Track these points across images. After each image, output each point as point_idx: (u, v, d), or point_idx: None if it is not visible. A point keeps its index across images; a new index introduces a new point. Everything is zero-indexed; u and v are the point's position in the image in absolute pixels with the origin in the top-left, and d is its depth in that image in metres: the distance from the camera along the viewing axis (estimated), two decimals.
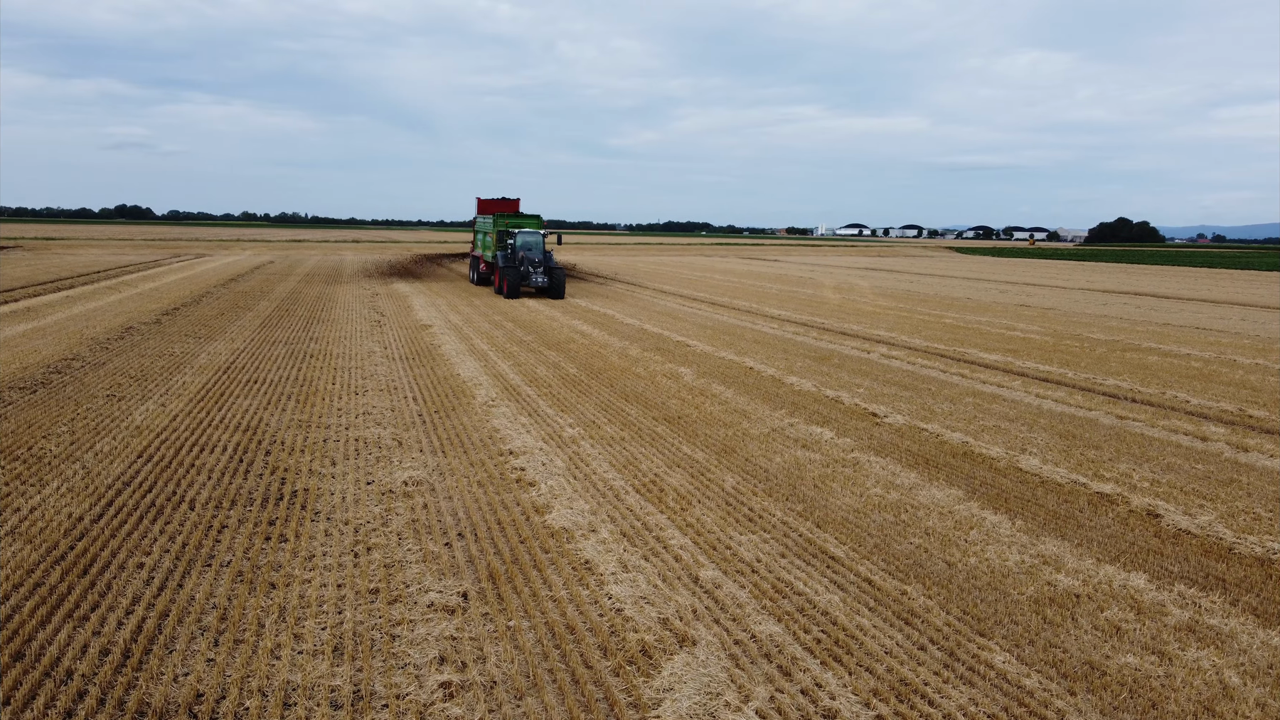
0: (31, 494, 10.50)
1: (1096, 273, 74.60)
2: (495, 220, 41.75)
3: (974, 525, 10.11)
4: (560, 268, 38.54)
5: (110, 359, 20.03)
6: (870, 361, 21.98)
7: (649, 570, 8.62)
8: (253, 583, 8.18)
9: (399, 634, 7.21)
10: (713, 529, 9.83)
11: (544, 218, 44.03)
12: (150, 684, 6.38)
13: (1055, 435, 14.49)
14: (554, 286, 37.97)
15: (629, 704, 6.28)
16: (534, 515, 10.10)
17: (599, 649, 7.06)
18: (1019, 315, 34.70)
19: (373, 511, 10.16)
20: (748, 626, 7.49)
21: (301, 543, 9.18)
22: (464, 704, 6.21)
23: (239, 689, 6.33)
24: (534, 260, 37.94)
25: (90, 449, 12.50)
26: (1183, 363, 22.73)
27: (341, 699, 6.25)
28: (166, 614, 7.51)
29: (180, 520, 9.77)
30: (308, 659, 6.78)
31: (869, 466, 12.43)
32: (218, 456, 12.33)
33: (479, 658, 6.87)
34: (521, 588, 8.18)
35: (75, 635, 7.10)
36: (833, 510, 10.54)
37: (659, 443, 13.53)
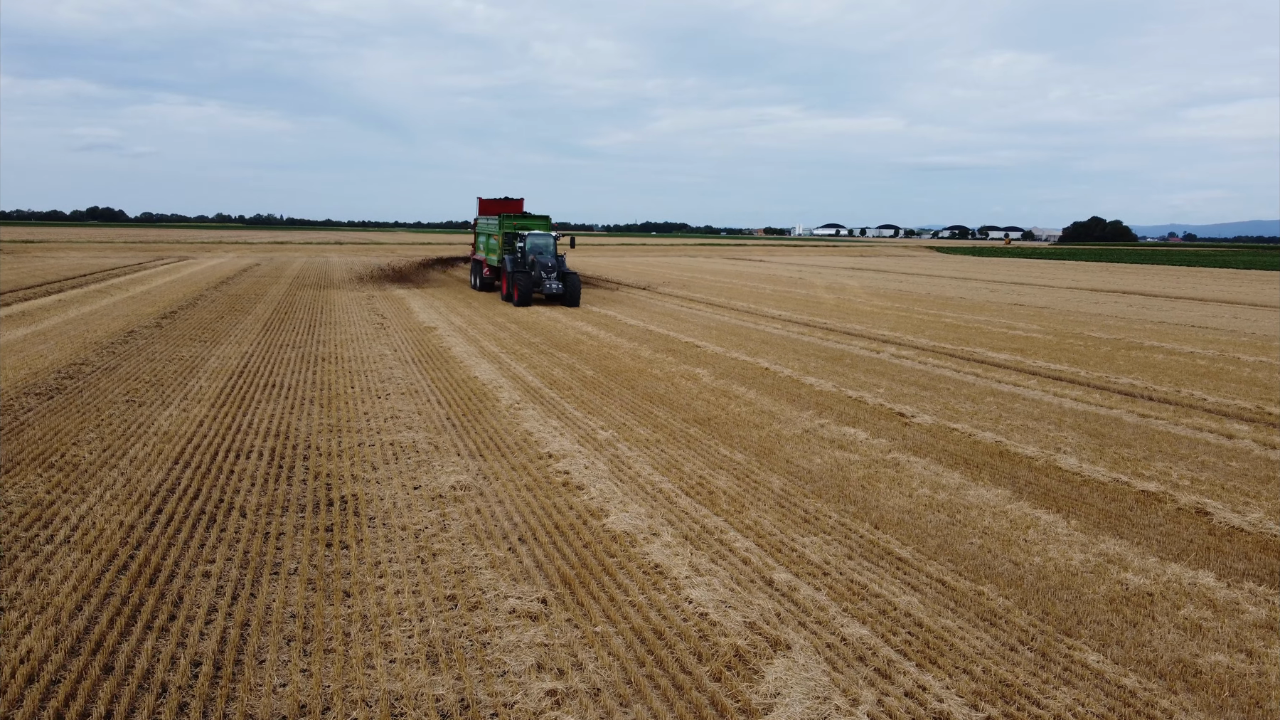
0: (76, 502, 10.33)
1: (1079, 271, 75.31)
2: (501, 221, 38.95)
3: (1029, 525, 10.14)
4: (575, 273, 35.95)
5: (119, 363, 19.76)
6: (882, 362, 22.05)
7: (720, 573, 8.58)
8: (326, 591, 8.07)
9: (489, 641, 7.14)
10: (772, 531, 9.81)
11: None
12: (250, 696, 6.28)
13: (1084, 434, 14.58)
14: (569, 293, 35.02)
15: (738, 709, 6.24)
16: (591, 519, 10.04)
17: (692, 654, 7.02)
18: (1015, 314, 34.94)
19: (427, 517, 10.07)
20: (835, 629, 7.47)
21: (364, 549, 9.07)
22: (573, 711, 6.15)
23: (342, 699, 6.23)
24: (546, 265, 35.28)
25: (123, 456, 12.31)
26: (1188, 361, 22.95)
27: (448, 708, 6.18)
28: (247, 624, 7.39)
29: (235, 528, 9.63)
30: (402, 668, 6.69)
31: (910, 467, 12.45)
32: (255, 462, 12.18)
33: (575, 664, 6.81)
34: (598, 593, 8.12)
35: (160, 647, 6.97)
36: (886, 511, 10.54)
37: (695, 445, 13.50)
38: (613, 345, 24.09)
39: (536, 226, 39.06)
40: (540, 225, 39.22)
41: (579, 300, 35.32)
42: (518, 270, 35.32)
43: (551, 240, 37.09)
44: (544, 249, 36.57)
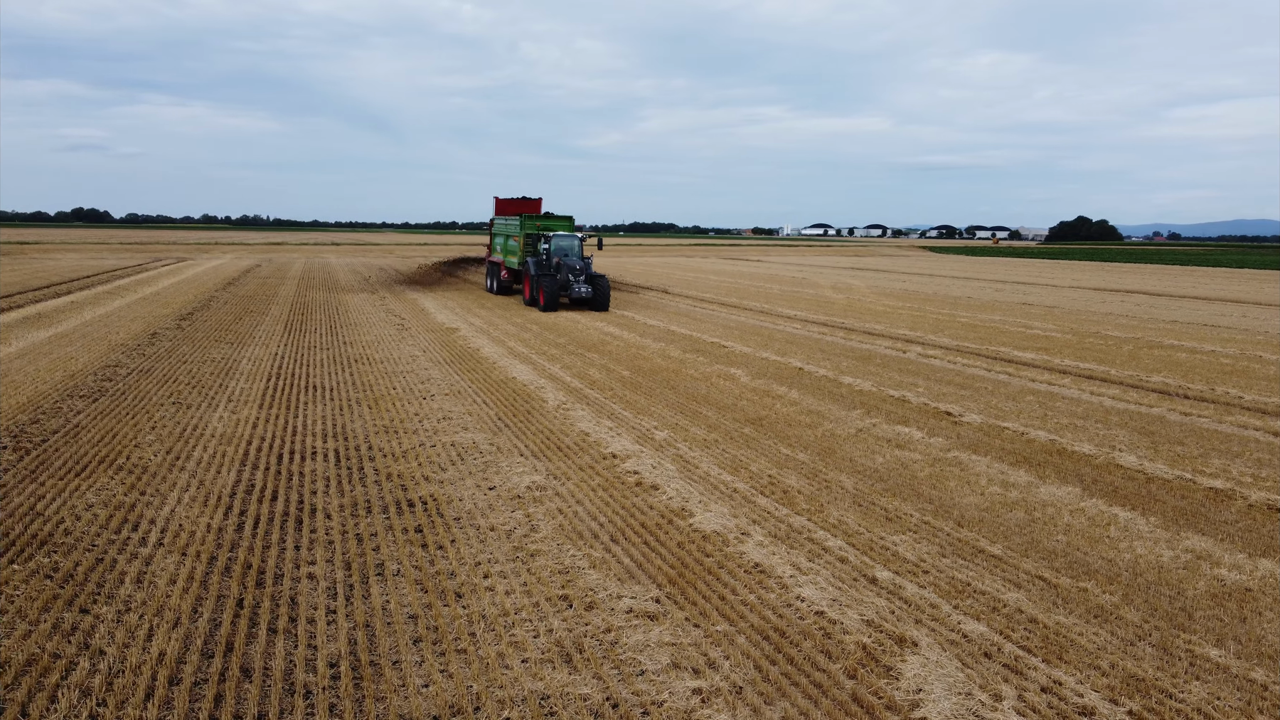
0: (156, 505, 10.31)
1: (1075, 271, 75.77)
2: (523, 222, 36.86)
3: (1109, 522, 10.24)
4: (603, 276, 34.16)
5: (151, 365, 19.68)
6: (911, 361, 22.16)
7: (822, 572, 8.64)
8: (437, 592, 8.08)
9: (616, 640, 7.17)
10: (858, 530, 9.87)
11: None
12: (396, 696, 6.30)
13: (1134, 433, 14.71)
14: (598, 297, 33.31)
15: (884, 706, 6.29)
16: (677, 519, 10.08)
17: (820, 652, 7.07)
18: (1028, 314, 35.15)
19: (512, 518, 10.09)
20: (953, 626, 7.53)
21: (459, 550, 9.09)
22: (722, 708, 6.19)
23: (490, 699, 6.26)
24: (574, 267, 33.53)
25: (188, 458, 12.29)
26: (1212, 359, 23.15)
27: (597, 707, 6.20)
28: (369, 625, 7.40)
29: (324, 529, 9.63)
30: (539, 668, 6.72)
31: (973, 465, 12.53)
32: (322, 464, 12.17)
33: (709, 663, 6.85)
34: (707, 593, 8.16)
35: (290, 648, 6.98)
36: (964, 509, 10.62)
37: (753, 445, 13.55)
38: (639, 346, 24.12)
39: (560, 227, 37.20)
40: (563, 226, 37.44)
41: (609, 304, 33.80)
42: (543, 273, 33.77)
43: (578, 241, 35.55)
44: (570, 251, 35.08)
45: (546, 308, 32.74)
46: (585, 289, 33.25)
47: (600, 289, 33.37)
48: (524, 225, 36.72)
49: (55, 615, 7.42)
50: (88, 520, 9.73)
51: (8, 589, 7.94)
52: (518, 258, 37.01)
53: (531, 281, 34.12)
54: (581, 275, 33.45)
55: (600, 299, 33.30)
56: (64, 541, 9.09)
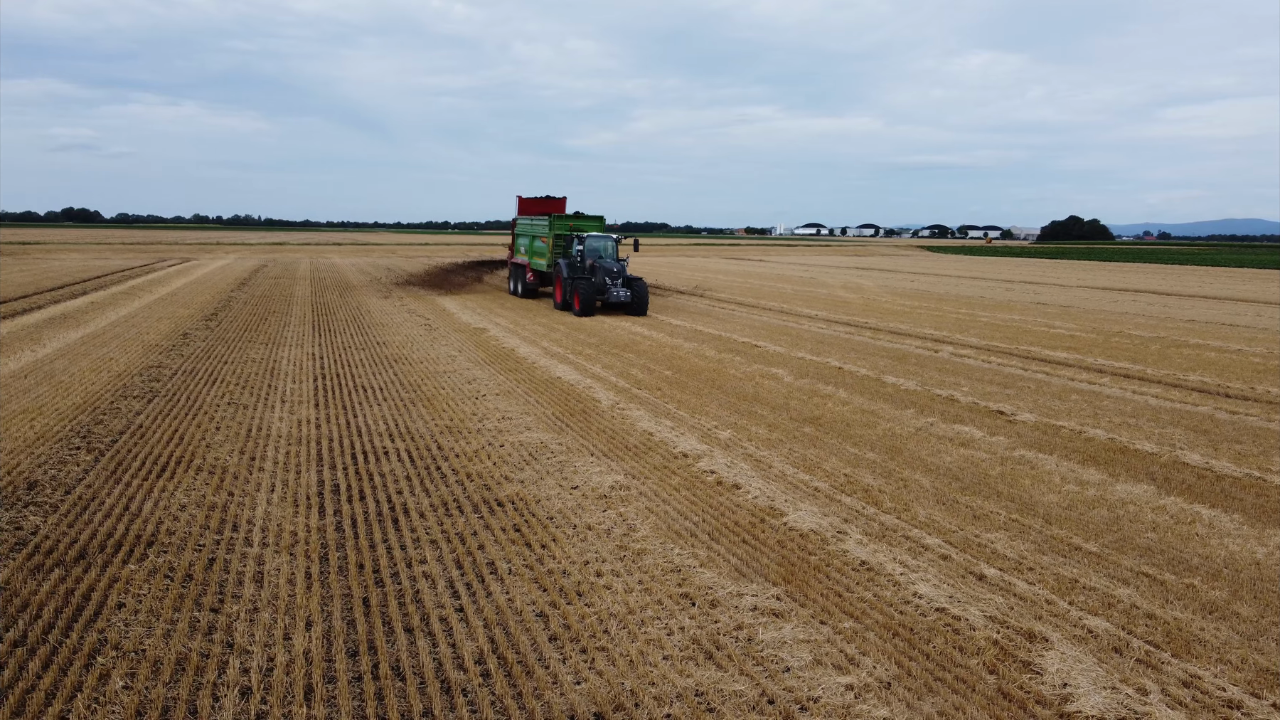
0: (248, 505, 10.36)
1: (1077, 270, 76.12)
2: (552, 222, 35.38)
3: (1193, 520, 10.36)
4: (640, 279, 32.61)
5: (194, 366, 19.69)
6: (946, 360, 22.30)
7: (929, 569, 8.73)
8: (558, 590, 8.15)
9: (751, 637, 7.25)
10: (950, 527, 9.97)
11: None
12: (551, 693, 6.37)
13: (1189, 431, 14.85)
14: (637, 302, 31.71)
15: (1034, 700, 6.39)
16: (770, 518, 10.16)
17: (955, 648, 7.16)
18: (1045, 313, 35.34)
19: (605, 517, 10.15)
20: (1075, 622, 7.64)
21: (564, 549, 9.15)
22: (877, 704, 6.27)
23: (647, 695, 6.33)
24: (610, 270, 31.85)
25: (263, 459, 12.33)
26: (1242, 359, 23.34)
27: (754, 702, 6.28)
28: (501, 624, 7.47)
29: (422, 528, 9.69)
30: (684, 664, 6.80)
31: (1042, 464, 12.65)
32: (396, 464, 12.22)
33: (849, 660, 6.93)
34: (824, 590, 8.25)
35: (435, 647, 7.05)
36: (1047, 507, 10.72)
37: (818, 444, 13.64)
38: (672, 346, 24.20)
39: (590, 227, 35.72)
40: (594, 226, 35.96)
41: (647, 308, 32.25)
42: (578, 276, 32.32)
43: (613, 242, 34.05)
44: (605, 252, 33.56)
45: (582, 312, 31.42)
46: (623, 293, 31.78)
47: (639, 293, 31.91)
48: (553, 226, 35.45)
49: (188, 614, 7.47)
50: (186, 520, 9.77)
51: (132, 588, 7.98)
52: (546, 260, 35.85)
53: (564, 285, 32.78)
54: (618, 279, 32.00)
55: (639, 304, 31.81)
56: (169, 541, 9.13)
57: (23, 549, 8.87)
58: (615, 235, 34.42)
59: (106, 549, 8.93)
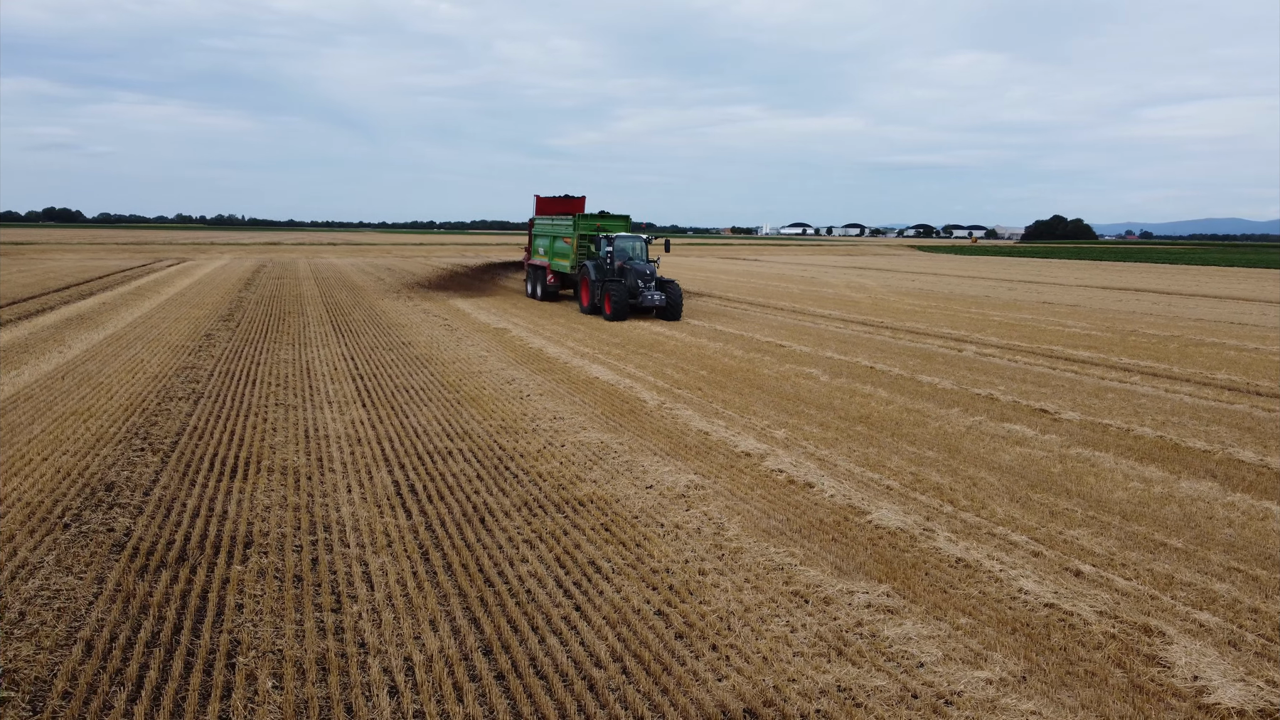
0: (331, 506, 10.39)
1: (1070, 270, 76.68)
2: (576, 222, 33.95)
3: (1265, 516, 10.52)
4: (673, 281, 31.07)
5: (228, 367, 19.66)
6: (973, 360, 22.47)
7: (1025, 566, 8.84)
8: (667, 588, 8.22)
9: (876, 634, 7.34)
10: (1031, 525, 10.09)
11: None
12: (699, 689, 6.44)
13: (1233, 429, 15.04)
14: (671, 306, 30.17)
15: (1170, 694, 6.50)
16: (853, 516, 10.26)
17: (1077, 643, 7.27)
18: (1055, 312, 35.63)
19: (687, 516, 10.22)
20: (1185, 616, 7.76)
21: (660, 548, 9.22)
22: (1020, 698, 6.37)
23: (792, 691, 6.42)
24: (643, 273, 30.30)
25: (330, 459, 12.36)
26: (1262, 357, 23.62)
27: (899, 695, 6.37)
28: (624, 623, 7.53)
29: (513, 529, 9.74)
30: (817, 661, 6.88)
31: (1101, 462, 12.80)
32: (463, 464, 12.25)
33: (978, 655, 7.03)
34: (929, 587, 8.35)
35: (565, 645, 7.11)
36: (1119, 504, 10.86)
37: (875, 442, 13.75)
38: (697, 346, 24.28)
39: (616, 227, 34.34)
40: (620, 226, 34.60)
41: (681, 313, 30.73)
42: (609, 280, 30.72)
43: (643, 243, 32.48)
44: (635, 254, 32.02)
45: (614, 317, 29.83)
46: (658, 296, 30.10)
47: (673, 296, 30.28)
48: (578, 225, 34.05)
49: (310, 615, 7.50)
50: (275, 521, 9.79)
51: (246, 589, 8.00)
52: (570, 261, 34.38)
53: (592, 288, 31.26)
54: (651, 281, 30.44)
55: (673, 308, 30.20)
56: (265, 543, 9.15)
57: (121, 550, 8.88)
58: (645, 235, 33.05)
59: (205, 550, 8.94)
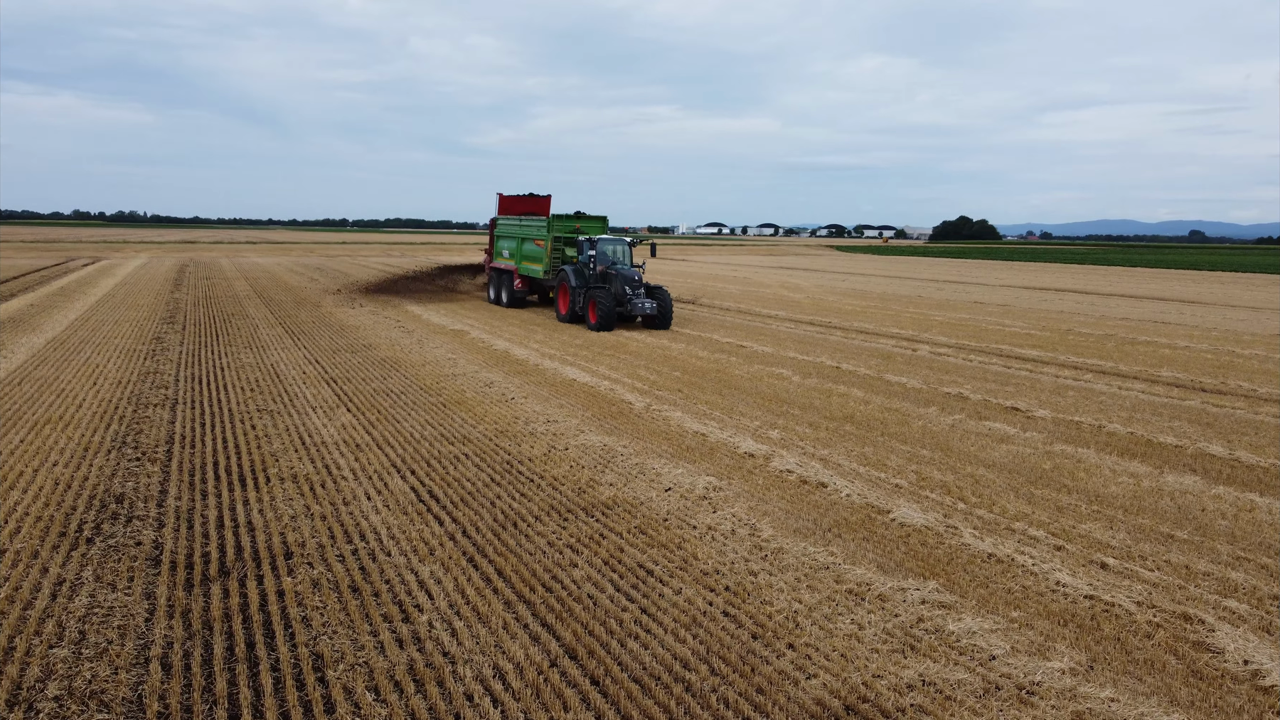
0: (357, 514, 10.28)
1: (990, 269, 79.20)
2: (551, 224, 32.08)
3: (1253, 507, 11.16)
4: (661, 288, 29.03)
5: (191, 371, 19.18)
6: (931, 359, 23.15)
7: (1052, 560, 9.25)
8: (722, 589, 8.38)
9: (940, 629, 7.62)
10: (1044, 519, 10.53)
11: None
12: (792, 688, 6.62)
13: (1192, 424, 15.85)
14: (663, 314, 28.17)
15: (1229, 679, 6.92)
16: (876, 515, 10.57)
17: (1128, 633, 7.66)
18: (988, 312, 36.84)
19: (717, 517, 10.38)
20: (1214, 604, 8.23)
21: (701, 549, 9.37)
22: (1097, 685, 6.71)
23: (881, 686, 6.64)
24: (631, 279, 28.15)
25: (339, 467, 12.20)
26: (1195, 354, 24.87)
27: (983, 689, 6.64)
28: (696, 624, 7.66)
29: (550, 533, 9.78)
30: (893, 656, 7.12)
31: (1086, 458, 13.39)
32: (475, 470, 12.21)
33: (1042, 647, 7.36)
34: (973, 581, 8.67)
35: (645, 649, 7.21)
36: (1117, 498, 11.39)
37: (869, 442, 14.13)
38: (660, 346, 24.49)
39: (593, 229, 32.64)
40: (595, 229, 32.93)
41: (671, 322, 28.76)
42: (593, 286, 28.60)
43: (627, 246, 30.34)
44: (620, 258, 29.90)
45: (600, 326, 27.46)
46: (648, 304, 27.92)
47: (664, 303, 28.27)
48: (552, 227, 32.12)
49: (381, 626, 7.46)
50: (308, 531, 9.66)
51: (305, 600, 7.90)
52: (543, 265, 32.26)
53: (572, 295, 29.17)
54: (640, 288, 28.35)
55: (664, 316, 28.26)
56: (304, 553, 9.04)
57: (158, 564, 8.68)
58: (630, 238, 31.13)
59: (245, 561, 8.78)
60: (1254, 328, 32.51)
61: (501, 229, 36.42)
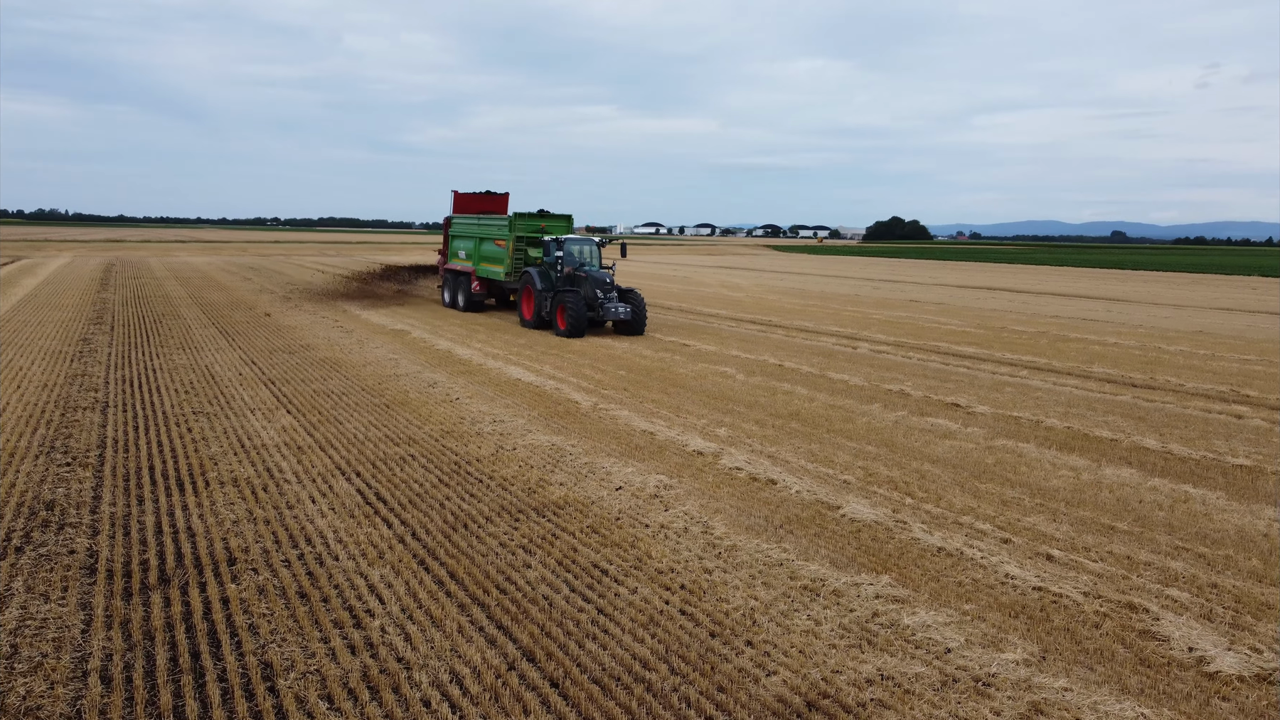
0: (302, 519, 10.03)
1: (924, 269, 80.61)
2: (513, 223, 30.24)
3: (1187, 498, 11.48)
4: (633, 290, 27.47)
5: (121, 373, 18.62)
6: (872, 357, 23.45)
7: (1001, 552, 9.39)
8: (678, 588, 8.35)
9: (895, 623, 7.67)
10: (990, 513, 10.70)
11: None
12: (753, 685, 6.60)
13: (1126, 418, 16.27)
14: (637, 319, 26.64)
15: (1176, 665, 7.08)
16: (826, 510, 10.64)
17: (1077, 623, 7.80)
18: (925, 310, 37.48)
19: (669, 516, 10.35)
20: (1157, 593, 8.43)
21: (653, 548, 9.32)
22: (1050, 676, 6.82)
23: (842, 681, 6.66)
24: (603, 282, 26.49)
25: (280, 471, 11.93)
26: (1123, 351, 25.58)
27: (941, 682, 6.69)
28: (654, 623, 7.62)
29: (501, 534, 9.65)
30: (851, 651, 7.15)
31: (1026, 452, 13.64)
32: (422, 471, 12.03)
33: (995, 640, 7.46)
34: (924, 575, 8.76)
35: (604, 649, 7.14)
36: (1060, 492, 11.62)
37: (815, 439, 14.23)
38: (604, 345, 24.44)
39: (558, 229, 30.96)
40: (560, 228, 31.20)
41: (645, 327, 27.13)
42: (561, 290, 27.02)
43: (596, 247, 28.69)
44: (590, 260, 28.24)
45: (570, 333, 25.96)
46: (622, 309, 26.38)
47: (638, 307, 26.83)
48: (514, 226, 30.39)
49: (332, 632, 7.28)
50: (251, 536, 9.40)
51: (251, 608, 7.68)
52: (504, 267, 30.67)
53: (538, 298, 27.47)
54: (612, 291, 26.69)
55: (638, 321, 26.76)
56: (249, 559, 8.80)
57: (94, 573, 8.37)
58: (599, 239, 29.47)
59: (186, 568, 8.51)
60: (1178, 325, 33.54)
61: (458, 228, 34.56)
